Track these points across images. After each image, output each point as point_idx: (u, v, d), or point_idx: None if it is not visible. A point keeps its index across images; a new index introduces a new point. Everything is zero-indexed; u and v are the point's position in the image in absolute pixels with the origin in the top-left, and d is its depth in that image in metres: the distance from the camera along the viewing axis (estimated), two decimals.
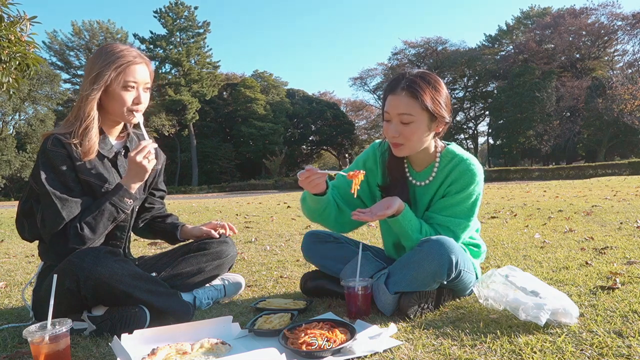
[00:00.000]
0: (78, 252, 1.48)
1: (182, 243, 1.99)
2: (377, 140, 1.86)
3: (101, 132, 1.68)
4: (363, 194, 1.85)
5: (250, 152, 40.47)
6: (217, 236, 1.93)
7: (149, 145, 1.60)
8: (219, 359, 1.23)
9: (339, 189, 1.83)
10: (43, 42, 37.48)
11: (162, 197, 2.01)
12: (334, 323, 1.40)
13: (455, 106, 45.82)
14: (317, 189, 1.63)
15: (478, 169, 1.66)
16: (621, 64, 39.35)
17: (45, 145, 1.57)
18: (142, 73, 1.66)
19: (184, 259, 1.84)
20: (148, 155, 1.58)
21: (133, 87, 1.65)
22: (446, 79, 45.77)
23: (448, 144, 1.74)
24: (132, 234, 1.91)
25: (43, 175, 1.55)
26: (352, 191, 1.61)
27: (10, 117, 32.79)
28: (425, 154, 1.70)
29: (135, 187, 1.63)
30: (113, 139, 1.76)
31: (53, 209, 1.54)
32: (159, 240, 2.24)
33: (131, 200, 1.62)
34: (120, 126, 1.77)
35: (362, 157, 1.87)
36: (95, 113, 1.62)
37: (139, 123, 1.68)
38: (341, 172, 1.73)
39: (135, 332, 1.33)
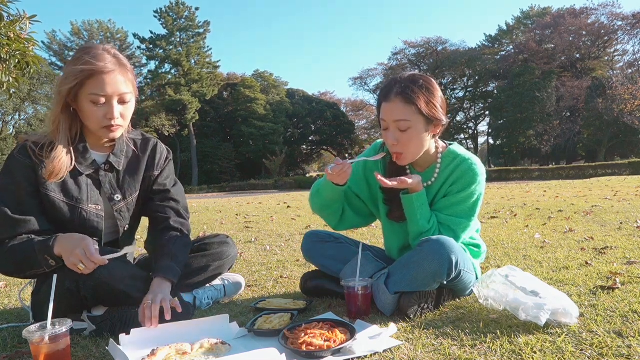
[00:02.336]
0: None
1: None
2: (379, 141, 1.85)
3: (82, 141, 1.55)
4: (364, 196, 1.85)
5: (250, 152, 40.47)
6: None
7: (98, 261, 1.36)
8: (218, 359, 1.23)
9: (360, 208, 1.86)
10: (42, 42, 37.47)
11: (167, 199, 1.74)
12: (334, 323, 1.40)
13: (455, 106, 45.88)
14: (345, 179, 1.63)
15: (480, 168, 1.66)
16: (621, 64, 39.39)
17: (14, 151, 1.51)
18: (112, 84, 1.45)
19: None
20: (84, 263, 1.35)
21: (102, 102, 1.45)
22: (446, 79, 45.81)
23: (450, 144, 1.74)
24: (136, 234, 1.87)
25: None
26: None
27: (11, 117, 32.83)
28: (426, 155, 1.69)
29: (63, 255, 1.39)
30: (97, 151, 1.60)
31: None
32: None
33: (53, 262, 1.41)
34: (108, 140, 1.60)
35: (365, 165, 1.85)
36: (60, 128, 1.48)
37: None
38: (369, 159, 1.73)
39: (134, 331, 1.32)
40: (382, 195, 1.80)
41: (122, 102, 1.50)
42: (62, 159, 1.48)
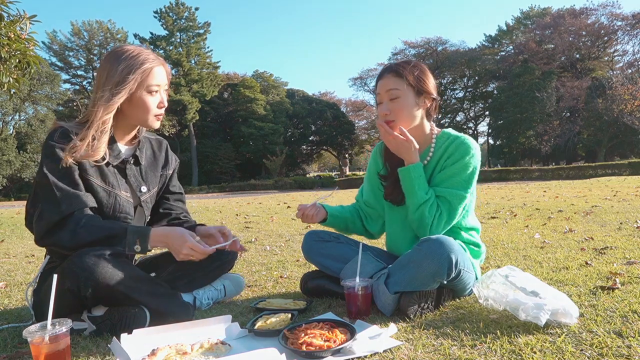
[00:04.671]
0: (79, 253, 1.46)
1: None
2: (380, 142, 1.94)
3: (111, 138, 1.62)
4: (375, 196, 1.96)
5: (250, 152, 40.46)
6: (222, 242, 1.75)
7: (204, 252, 1.53)
8: (218, 359, 1.23)
9: (368, 199, 1.98)
10: (43, 42, 37.50)
11: (179, 200, 1.91)
12: (334, 323, 1.40)
13: (455, 106, 45.95)
14: (319, 218, 1.86)
15: (472, 143, 1.73)
16: (621, 64, 39.42)
17: (53, 136, 1.52)
18: (162, 75, 1.63)
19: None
20: (192, 254, 1.51)
21: (157, 92, 1.61)
22: (446, 79, 45.86)
23: (446, 129, 1.84)
24: None
25: (45, 167, 1.49)
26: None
27: (11, 117, 32.83)
28: (422, 135, 1.78)
29: (171, 248, 1.53)
30: (123, 144, 1.70)
31: (52, 201, 1.48)
32: None
33: (139, 247, 1.50)
34: (133, 132, 1.72)
35: (369, 163, 2.03)
36: (111, 121, 1.57)
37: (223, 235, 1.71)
38: (325, 197, 2.00)
39: (135, 331, 1.32)
40: (382, 183, 1.91)
41: (165, 92, 1.67)
42: (105, 144, 1.56)
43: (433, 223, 1.66)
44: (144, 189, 1.73)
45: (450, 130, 1.80)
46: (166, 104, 1.66)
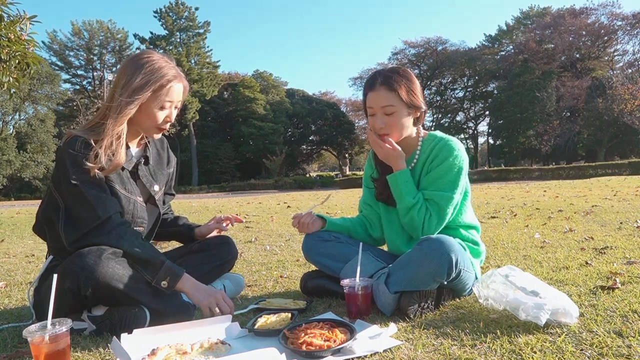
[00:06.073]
0: (80, 252, 1.46)
1: (182, 244, 2.00)
2: None
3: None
4: (373, 196, 1.96)
5: (250, 152, 40.43)
6: (226, 229, 2.00)
7: (232, 307, 1.57)
8: (218, 358, 1.23)
9: (367, 199, 1.99)
10: (43, 42, 37.49)
11: (169, 200, 1.97)
12: (334, 323, 1.40)
13: (455, 106, 45.97)
14: (315, 227, 1.90)
15: (456, 143, 1.75)
16: (621, 64, 39.46)
17: (73, 145, 1.52)
18: (179, 93, 1.65)
19: (184, 260, 1.84)
20: (220, 308, 1.54)
21: (168, 107, 1.63)
22: (446, 79, 45.87)
23: (433, 132, 1.85)
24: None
25: (73, 175, 1.50)
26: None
27: (10, 117, 32.81)
28: (408, 141, 1.81)
29: (194, 295, 1.56)
30: (134, 147, 1.73)
31: (86, 207, 1.49)
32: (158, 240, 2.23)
33: (166, 284, 1.52)
34: (141, 134, 1.74)
35: (366, 166, 2.05)
36: (125, 127, 1.58)
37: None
38: (319, 204, 2.01)
39: (135, 331, 1.32)
40: (374, 187, 1.93)
41: (176, 108, 1.68)
42: (124, 155, 1.58)
43: (424, 225, 1.70)
44: (156, 187, 1.77)
45: (437, 133, 1.83)
46: (173, 120, 1.66)
